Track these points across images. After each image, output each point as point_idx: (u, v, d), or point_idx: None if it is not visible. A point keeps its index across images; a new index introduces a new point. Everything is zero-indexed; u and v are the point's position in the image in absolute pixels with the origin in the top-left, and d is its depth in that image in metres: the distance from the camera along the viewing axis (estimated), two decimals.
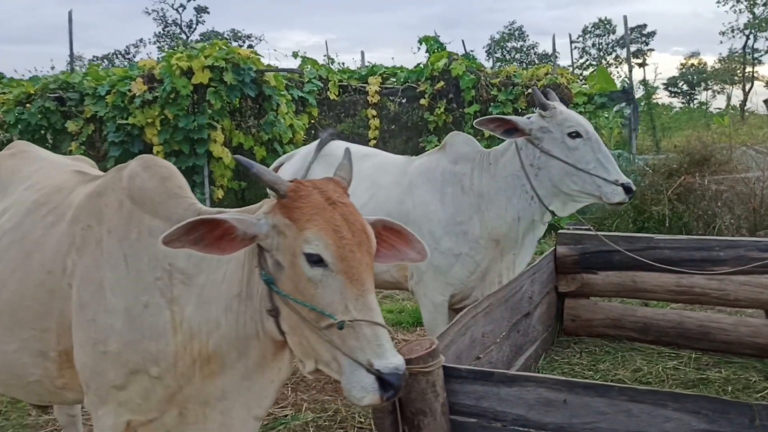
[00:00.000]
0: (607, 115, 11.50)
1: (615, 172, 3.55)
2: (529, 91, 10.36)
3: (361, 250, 1.92)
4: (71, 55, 10.79)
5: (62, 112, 9.30)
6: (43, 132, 9.28)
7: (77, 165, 3.03)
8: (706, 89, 51.87)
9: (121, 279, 2.21)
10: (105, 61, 50.46)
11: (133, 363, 2.18)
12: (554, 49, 14.25)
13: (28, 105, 9.16)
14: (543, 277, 4.06)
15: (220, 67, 8.30)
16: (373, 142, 10.53)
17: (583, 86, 10.46)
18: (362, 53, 12.89)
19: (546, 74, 10.56)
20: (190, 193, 2.33)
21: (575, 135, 3.57)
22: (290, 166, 4.60)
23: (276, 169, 4.80)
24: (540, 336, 3.97)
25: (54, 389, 2.48)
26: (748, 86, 43.36)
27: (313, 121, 10.45)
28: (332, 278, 1.88)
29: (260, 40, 52.15)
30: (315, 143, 4.88)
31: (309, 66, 11.08)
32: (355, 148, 4.68)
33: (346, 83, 11.11)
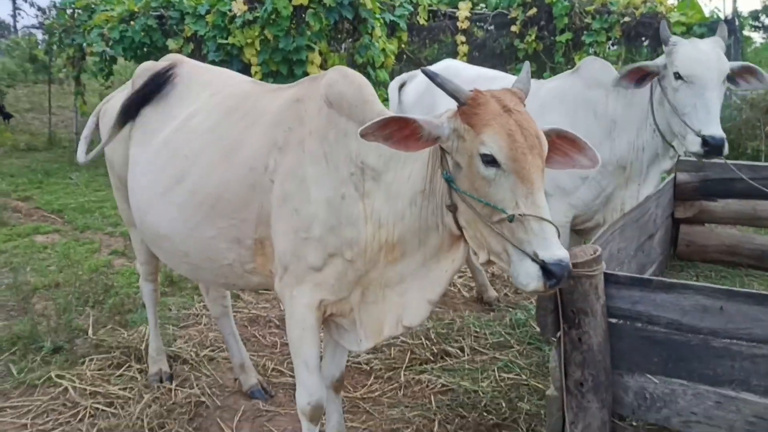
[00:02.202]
0: None
1: (702, 122, 3.40)
2: (626, 19, 10.11)
3: (532, 153, 2.09)
4: None
5: (163, 31, 9.57)
6: (145, 49, 9.60)
7: (241, 75, 3.30)
8: None
9: (323, 174, 2.49)
10: None
11: (332, 247, 2.49)
12: None
13: (131, 23, 9.44)
14: (664, 202, 4.16)
15: None
16: None
17: (682, 16, 10.10)
18: None
19: (643, 2, 10.25)
20: (379, 101, 2.55)
21: (678, 76, 3.49)
22: (415, 86, 4.74)
23: (400, 87, 4.96)
24: (658, 258, 4.11)
25: (242, 273, 2.80)
26: None
27: (403, 46, 10.46)
28: (504, 177, 2.08)
29: None
30: (437, 65, 5.00)
31: None
32: (482, 70, 4.80)
33: (435, 8, 11.03)
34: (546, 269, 2.02)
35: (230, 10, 8.81)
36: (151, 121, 3.14)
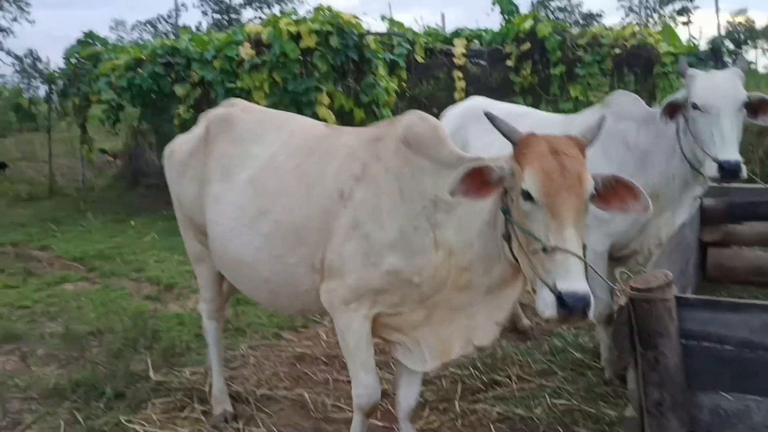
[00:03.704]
0: None
1: (718, 149, 3.58)
2: (616, 51, 10.45)
3: (569, 192, 2.30)
4: (176, 20, 11.21)
5: (170, 77, 9.75)
6: (153, 96, 9.76)
7: (308, 118, 3.64)
8: (754, 47, 49.81)
9: (397, 207, 2.75)
10: (149, 25, 50.84)
11: (402, 274, 2.73)
12: None
13: (139, 70, 9.61)
14: (694, 227, 4.36)
15: (326, 32, 8.62)
16: None
17: (670, 47, 10.48)
18: (442, 15, 13.10)
19: (632, 34, 10.63)
20: (451, 141, 2.84)
21: (695, 106, 3.69)
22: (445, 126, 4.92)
23: None
24: (692, 281, 4.29)
25: (316, 297, 3.01)
26: None
27: (403, 84, 10.71)
28: (538, 211, 2.31)
29: (302, 2, 52.10)
30: (460, 104, 5.21)
31: (395, 28, 11.32)
32: (511, 107, 5.01)
33: (431, 46, 11.33)
34: (561, 300, 2.22)
35: (237, 55, 9.02)
36: (230, 161, 3.39)
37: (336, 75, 9.34)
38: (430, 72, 11.61)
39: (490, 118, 2.46)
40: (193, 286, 6.38)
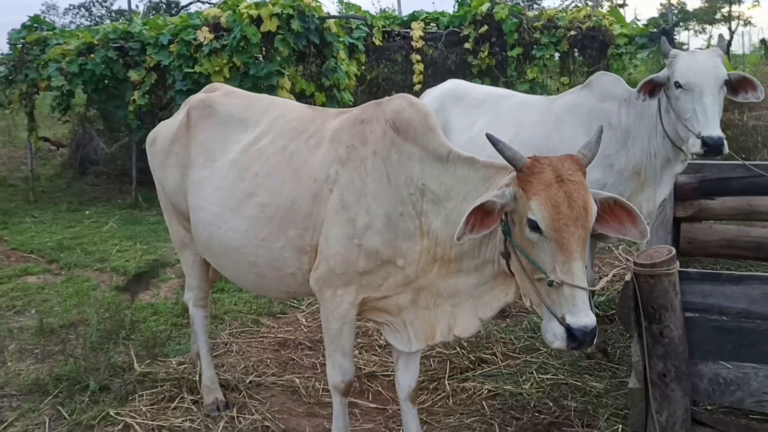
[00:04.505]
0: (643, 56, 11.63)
1: (702, 125, 3.68)
2: (572, 33, 10.58)
3: (576, 224, 2.31)
4: (129, 5, 10.88)
5: (124, 62, 9.44)
6: (106, 81, 9.45)
7: (295, 102, 3.58)
8: (686, 29, 51.05)
9: (384, 191, 2.75)
10: (82, 9, 49.09)
11: (385, 256, 2.76)
12: None
13: (92, 55, 9.27)
14: (670, 203, 4.48)
15: (287, 15, 8.48)
16: (417, 86, 10.75)
17: (623, 29, 10.65)
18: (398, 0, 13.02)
19: (586, 16, 10.76)
20: (440, 130, 2.80)
21: (677, 85, 3.79)
22: None
23: None
24: None
25: (303, 280, 3.02)
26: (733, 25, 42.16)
27: (362, 67, 10.63)
28: (546, 243, 2.33)
29: None
30: (439, 87, 5.21)
31: (353, 11, 11.23)
32: (491, 90, 5.03)
33: (389, 29, 11.26)
34: (570, 332, 2.27)
35: (195, 39, 8.80)
36: (213, 146, 3.34)
37: (296, 59, 9.21)
38: (387, 55, 11.55)
39: (493, 142, 2.43)
40: (162, 276, 6.25)
